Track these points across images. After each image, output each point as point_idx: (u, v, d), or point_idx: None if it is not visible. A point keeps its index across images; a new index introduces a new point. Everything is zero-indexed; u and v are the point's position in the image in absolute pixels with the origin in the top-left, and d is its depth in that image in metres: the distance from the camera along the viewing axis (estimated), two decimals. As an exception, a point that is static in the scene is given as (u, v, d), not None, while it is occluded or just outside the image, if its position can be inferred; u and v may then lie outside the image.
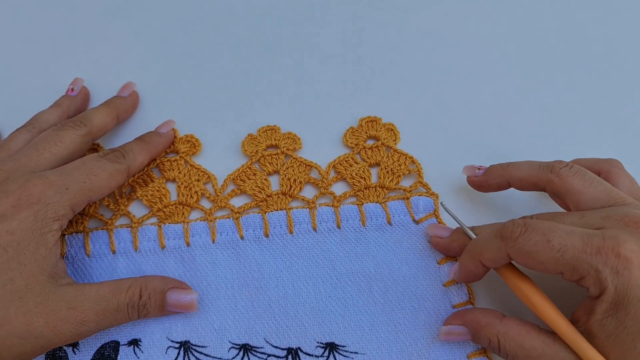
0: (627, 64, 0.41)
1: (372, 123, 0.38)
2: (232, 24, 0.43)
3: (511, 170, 0.32)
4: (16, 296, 0.27)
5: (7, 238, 0.28)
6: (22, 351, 0.27)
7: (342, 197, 0.35)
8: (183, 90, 0.40)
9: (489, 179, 0.33)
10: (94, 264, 0.34)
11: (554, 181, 0.30)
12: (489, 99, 0.39)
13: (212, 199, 0.36)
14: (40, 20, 0.43)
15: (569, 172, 0.30)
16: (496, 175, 0.33)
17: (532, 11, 0.43)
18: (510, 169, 0.32)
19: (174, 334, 0.32)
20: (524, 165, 0.32)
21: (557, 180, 0.30)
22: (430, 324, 0.32)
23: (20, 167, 0.31)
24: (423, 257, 0.34)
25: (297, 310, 0.32)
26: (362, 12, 0.43)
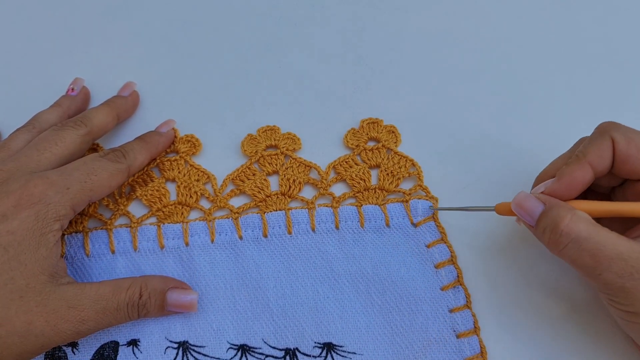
0: (627, 64, 0.41)
1: (373, 124, 0.38)
2: (232, 24, 0.43)
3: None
4: (17, 295, 0.28)
5: (8, 238, 0.28)
6: (22, 350, 0.28)
7: (342, 198, 0.35)
8: (183, 90, 0.40)
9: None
10: (93, 264, 0.34)
11: (620, 128, 0.29)
12: (489, 99, 0.39)
13: (212, 199, 0.36)
14: (40, 20, 0.43)
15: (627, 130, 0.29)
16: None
17: (532, 11, 0.43)
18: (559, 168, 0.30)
19: (173, 334, 0.32)
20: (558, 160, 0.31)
21: (622, 127, 0.29)
22: (427, 327, 0.32)
23: (21, 167, 0.31)
24: (421, 260, 0.34)
25: (295, 310, 0.33)
26: (362, 12, 0.43)
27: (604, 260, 0.26)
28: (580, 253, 0.26)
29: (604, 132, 0.28)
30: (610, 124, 0.29)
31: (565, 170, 0.29)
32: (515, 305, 0.33)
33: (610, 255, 0.26)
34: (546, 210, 0.28)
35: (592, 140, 0.29)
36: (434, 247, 0.34)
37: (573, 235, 0.26)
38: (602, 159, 0.28)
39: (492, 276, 0.34)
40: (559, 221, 0.27)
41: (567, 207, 0.27)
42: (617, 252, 0.26)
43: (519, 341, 0.32)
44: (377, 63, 0.41)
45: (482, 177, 0.37)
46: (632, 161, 0.28)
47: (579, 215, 0.27)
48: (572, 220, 0.27)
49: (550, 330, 0.32)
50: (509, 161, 0.37)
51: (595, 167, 0.28)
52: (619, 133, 0.28)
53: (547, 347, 0.32)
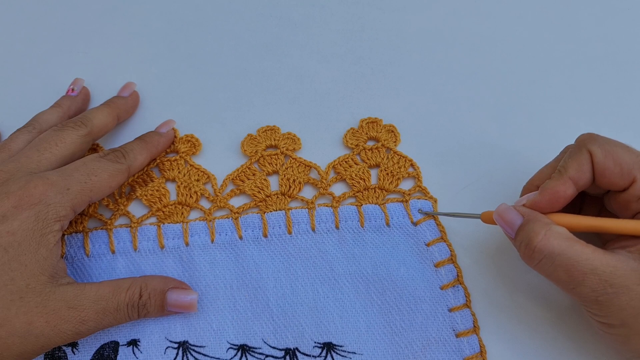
0: (627, 64, 0.41)
1: (373, 124, 0.38)
2: (232, 24, 0.43)
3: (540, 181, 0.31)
4: (17, 296, 0.28)
5: (8, 238, 0.28)
6: (22, 350, 0.28)
7: (342, 197, 0.35)
8: (183, 90, 0.40)
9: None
10: (93, 264, 0.34)
11: (596, 153, 0.28)
12: (489, 99, 0.39)
13: (212, 199, 0.36)
14: (40, 20, 0.43)
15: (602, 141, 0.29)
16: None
17: (532, 11, 0.43)
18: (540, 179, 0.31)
19: (173, 334, 0.32)
20: (544, 169, 0.31)
21: (599, 152, 0.28)
22: (426, 326, 0.32)
23: (21, 167, 0.31)
24: (420, 259, 0.34)
25: (295, 310, 0.33)
26: (362, 12, 0.43)
27: (577, 275, 0.26)
28: (554, 268, 0.27)
29: (582, 145, 0.28)
30: (588, 137, 0.29)
31: (548, 185, 0.29)
32: (514, 304, 0.33)
33: (583, 270, 0.26)
34: (523, 224, 0.28)
35: (571, 154, 0.29)
36: (434, 246, 0.34)
37: (546, 251, 0.27)
38: (582, 172, 0.28)
39: (492, 275, 0.34)
40: (533, 236, 0.27)
41: (542, 222, 0.27)
42: (591, 267, 0.26)
43: (518, 340, 0.32)
44: (377, 63, 0.41)
45: (481, 178, 0.37)
46: (609, 174, 0.28)
47: (553, 230, 0.27)
48: (546, 236, 0.27)
49: (550, 329, 0.32)
50: (508, 162, 0.37)
51: (577, 181, 0.28)
52: (596, 146, 0.28)
53: (547, 347, 0.32)
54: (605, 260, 0.26)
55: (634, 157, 0.27)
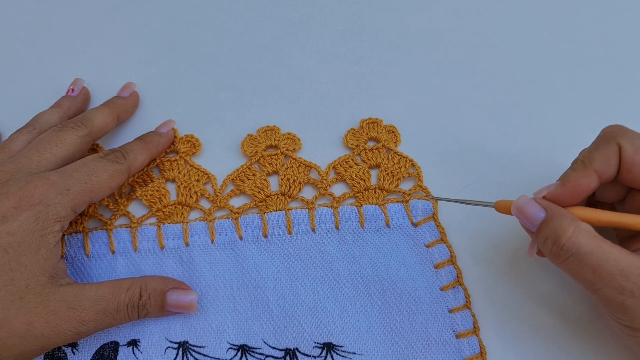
0: (627, 64, 0.41)
1: (373, 124, 0.38)
2: (232, 24, 0.43)
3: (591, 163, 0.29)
4: (17, 297, 0.28)
5: (8, 239, 0.28)
6: (22, 351, 0.28)
7: (342, 198, 0.35)
8: (183, 90, 0.40)
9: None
10: (93, 264, 0.34)
11: (628, 133, 0.28)
12: (489, 99, 0.39)
13: (212, 199, 0.36)
14: (40, 20, 0.43)
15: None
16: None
17: (532, 11, 0.43)
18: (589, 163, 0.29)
19: (173, 335, 0.32)
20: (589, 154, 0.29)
21: (631, 133, 0.28)
22: (426, 327, 0.32)
23: (21, 168, 0.31)
24: (420, 260, 0.34)
25: (295, 310, 0.33)
26: (362, 12, 0.43)
27: (605, 275, 0.25)
28: (581, 267, 0.26)
29: (610, 137, 0.27)
30: (617, 129, 0.28)
31: (570, 176, 0.28)
32: (514, 305, 0.33)
33: (611, 271, 0.25)
34: (548, 219, 0.27)
35: (597, 145, 0.28)
36: (434, 247, 0.34)
37: (575, 249, 0.26)
38: (608, 166, 0.27)
39: (492, 276, 0.34)
40: (561, 234, 0.26)
41: (569, 218, 0.26)
42: (619, 268, 0.25)
43: (518, 341, 0.32)
44: (377, 63, 0.41)
45: (481, 177, 0.37)
46: (637, 170, 0.27)
47: (581, 228, 0.26)
48: (575, 233, 0.26)
49: (550, 330, 0.32)
50: (508, 161, 0.37)
51: (601, 174, 0.27)
52: (626, 140, 0.27)
53: (547, 347, 0.32)
54: (634, 262, 0.25)
55: None
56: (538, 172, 0.37)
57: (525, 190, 0.35)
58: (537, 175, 0.36)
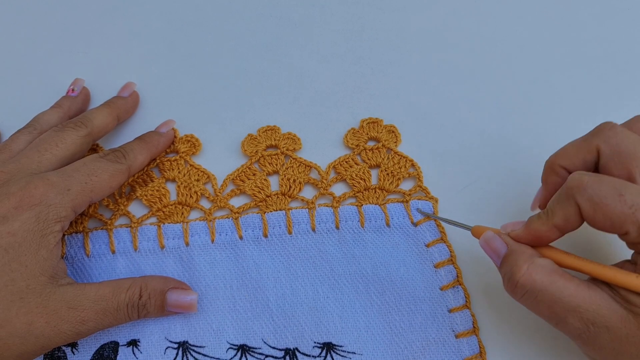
0: (627, 64, 0.41)
1: (373, 124, 0.38)
2: (232, 24, 0.43)
3: (560, 161, 0.29)
4: (17, 297, 0.28)
5: (8, 239, 0.28)
6: (23, 351, 0.28)
7: (342, 198, 0.36)
8: (183, 90, 0.40)
9: (546, 186, 0.30)
10: (93, 264, 0.34)
11: (610, 138, 0.27)
12: (489, 99, 0.39)
13: (212, 199, 0.36)
14: (40, 20, 0.43)
15: (620, 131, 0.28)
16: (548, 174, 0.30)
17: (532, 11, 0.43)
18: (558, 160, 0.30)
19: (173, 335, 0.32)
20: (567, 150, 0.30)
21: (613, 137, 0.27)
22: (426, 327, 0.32)
23: (22, 168, 0.31)
24: (420, 260, 0.34)
25: (294, 310, 0.33)
26: (362, 12, 0.43)
27: (560, 311, 0.25)
28: (537, 304, 0.26)
29: (569, 194, 0.26)
30: (577, 184, 0.26)
31: (533, 225, 0.28)
32: (514, 305, 0.33)
33: (566, 308, 0.25)
34: (507, 255, 0.28)
35: (559, 200, 0.27)
36: (434, 247, 0.34)
37: (528, 286, 0.26)
38: (569, 222, 0.27)
39: (492, 276, 0.34)
40: (516, 270, 0.26)
41: (526, 254, 0.27)
42: (574, 304, 0.25)
43: (518, 341, 0.32)
44: (377, 63, 0.41)
45: (482, 178, 0.37)
46: (599, 226, 0.26)
47: (536, 264, 0.26)
48: (528, 270, 0.26)
49: (550, 330, 0.32)
50: (508, 161, 0.37)
51: (562, 229, 0.27)
52: (584, 198, 0.25)
53: (547, 347, 0.32)
54: (589, 298, 0.25)
55: (626, 209, 0.24)
56: (538, 172, 0.37)
57: (526, 190, 0.35)
58: (537, 175, 0.36)
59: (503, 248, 0.28)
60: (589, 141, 0.28)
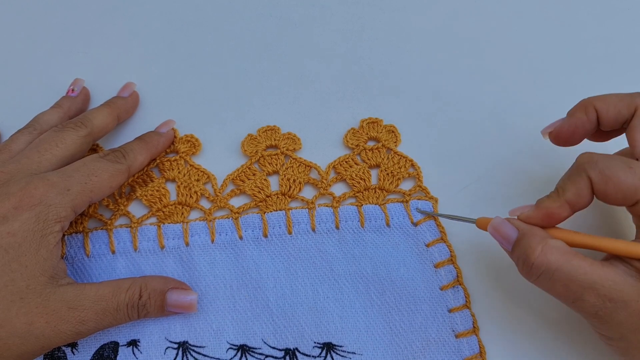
0: (627, 64, 0.41)
1: (373, 124, 0.38)
2: (232, 24, 0.43)
3: (596, 102, 0.30)
4: (17, 297, 0.28)
5: (8, 239, 0.28)
6: (23, 351, 0.28)
7: (342, 198, 0.36)
8: (183, 90, 0.40)
9: (570, 119, 0.31)
10: (93, 264, 0.34)
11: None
12: (489, 99, 0.39)
13: (212, 199, 0.36)
14: (40, 20, 0.43)
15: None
16: (578, 108, 0.30)
17: (532, 11, 0.43)
18: (595, 101, 0.30)
19: (173, 335, 0.32)
20: (609, 97, 0.30)
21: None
22: (426, 327, 0.32)
23: (22, 168, 0.31)
24: (420, 260, 0.34)
25: (294, 310, 0.33)
26: (362, 12, 0.43)
27: (576, 289, 0.26)
28: (553, 283, 0.26)
29: (581, 170, 0.27)
30: (587, 160, 0.27)
31: (544, 203, 0.28)
32: (514, 305, 0.33)
33: (582, 285, 0.26)
34: (519, 239, 0.28)
35: (570, 176, 0.28)
36: (434, 247, 0.34)
37: (543, 267, 0.26)
38: (580, 197, 0.27)
39: (492, 276, 0.34)
40: (530, 252, 0.27)
41: (539, 236, 0.27)
42: (590, 281, 0.25)
43: (518, 341, 0.32)
44: (377, 63, 0.41)
45: (482, 177, 0.37)
46: (611, 199, 0.27)
47: (550, 245, 0.26)
48: (543, 251, 0.26)
49: (550, 330, 0.32)
50: (508, 162, 0.37)
51: (573, 205, 0.27)
52: (596, 171, 0.26)
53: (547, 347, 0.32)
54: (604, 275, 0.25)
55: (637, 180, 0.26)
56: (538, 172, 0.37)
57: (526, 190, 0.35)
58: (537, 175, 0.36)
59: (514, 233, 0.28)
60: (632, 97, 0.29)
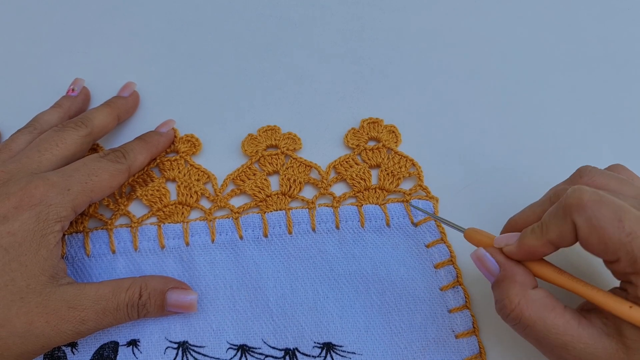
0: (627, 64, 0.41)
1: (374, 124, 0.38)
2: (232, 24, 0.43)
3: (526, 215, 0.29)
4: (17, 296, 0.28)
5: (8, 239, 0.28)
6: (23, 350, 0.28)
7: (342, 197, 0.36)
8: (183, 90, 0.40)
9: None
10: (93, 264, 0.34)
11: (589, 184, 0.27)
12: (489, 99, 0.39)
13: (212, 198, 0.36)
14: (40, 20, 0.43)
15: (599, 173, 0.28)
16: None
17: (532, 11, 0.43)
18: (524, 215, 0.29)
19: (173, 335, 0.32)
20: (533, 206, 0.29)
21: (591, 183, 0.28)
22: (426, 327, 0.32)
23: (22, 168, 0.31)
24: (420, 260, 0.34)
25: (294, 310, 0.33)
26: (362, 12, 0.43)
27: (547, 346, 0.26)
28: (526, 336, 0.27)
29: (567, 213, 0.25)
30: (576, 202, 0.25)
31: (526, 240, 0.27)
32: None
33: (553, 344, 0.26)
34: (500, 280, 0.28)
35: (555, 216, 0.26)
36: (434, 247, 0.34)
37: (518, 320, 0.26)
38: (564, 239, 0.26)
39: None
40: (507, 303, 0.26)
41: (519, 284, 0.27)
42: (562, 342, 0.25)
43: (517, 342, 0.32)
44: (377, 63, 0.41)
45: (482, 177, 0.37)
46: (592, 249, 0.25)
47: (529, 298, 0.26)
48: (520, 305, 0.26)
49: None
50: (508, 161, 0.37)
51: (557, 245, 0.27)
52: (582, 219, 0.25)
53: (547, 347, 0.32)
54: (578, 336, 0.25)
55: (623, 237, 0.24)
56: (538, 172, 0.37)
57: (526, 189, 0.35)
58: (536, 175, 0.36)
59: (496, 269, 0.28)
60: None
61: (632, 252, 0.24)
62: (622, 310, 0.25)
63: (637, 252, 0.23)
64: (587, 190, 0.25)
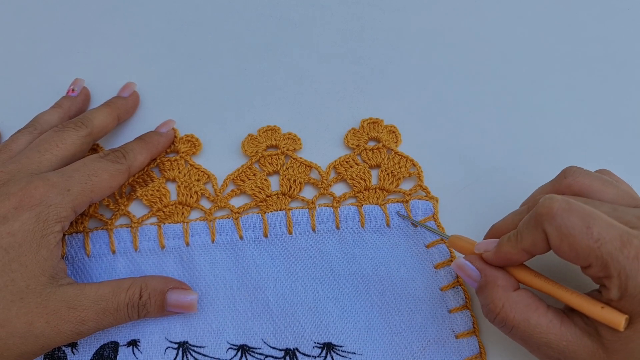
0: (627, 65, 0.41)
1: (374, 124, 0.38)
2: (232, 24, 0.43)
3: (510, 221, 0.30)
4: (17, 297, 0.28)
5: (8, 239, 0.28)
6: (23, 351, 0.28)
7: (342, 198, 0.36)
8: (183, 90, 0.40)
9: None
10: (93, 264, 0.34)
11: (572, 185, 0.28)
12: (489, 99, 0.39)
13: (212, 199, 0.36)
14: (40, 20, 0.43)
15: (583, 174, 0.29)
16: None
17: (532, 11, 0.43)
18: (507, 220, 0.30)
19: (173, 335, 0.32)
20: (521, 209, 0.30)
21: (575, 184, 0.28)
22: (426, 327, 0.32)
23: (22, 168, 0.31)
24: (420, 260, 0.34)
25: (295, 310, 0.33)
26: (362, 12, 0.43)
27: (532, 345, 0.27)
28: (512, 335, 0.27)
29: (538, 221, 0.26)
30: (546, 212, 0.25)
31: (503, 248, 0.28)
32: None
33: (538, 343, 0.26)
34: (483, 286, 0.28)
35: (528, 224, 0.26)
36: (434, 247, 0.34)
37: (504, 322, 0.27)
38: (537, 247, 0.26)
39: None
40: (492, 307, 0.27)
41: (501, 288, 0.27)
42: (545, 340, 0.26)
43: (518, 341, 0.32)
44: (377, 63, 0.41)
45: (482, 177, 0.37)
46: (564, 255, 0.26)
47: (512, 300, 0.27)
48: (504, 308, 0.27)
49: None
50: (508, 161, 0.37)
51: (531, 252, 0.27)
52: (552, 227, 0.25)
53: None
54: (560, 335, 0.26)
55: (592, 243, 0.24)
56: (537, 172, 0.37)
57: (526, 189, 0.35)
58: (536, 175, 0.36)
59: (477, 276, 0.29)
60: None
61: (601, 258, 0.24)
62: (594, 310, 0.25)
63: (606, 257, 0.24)
64: (558, 199, 0.25)
